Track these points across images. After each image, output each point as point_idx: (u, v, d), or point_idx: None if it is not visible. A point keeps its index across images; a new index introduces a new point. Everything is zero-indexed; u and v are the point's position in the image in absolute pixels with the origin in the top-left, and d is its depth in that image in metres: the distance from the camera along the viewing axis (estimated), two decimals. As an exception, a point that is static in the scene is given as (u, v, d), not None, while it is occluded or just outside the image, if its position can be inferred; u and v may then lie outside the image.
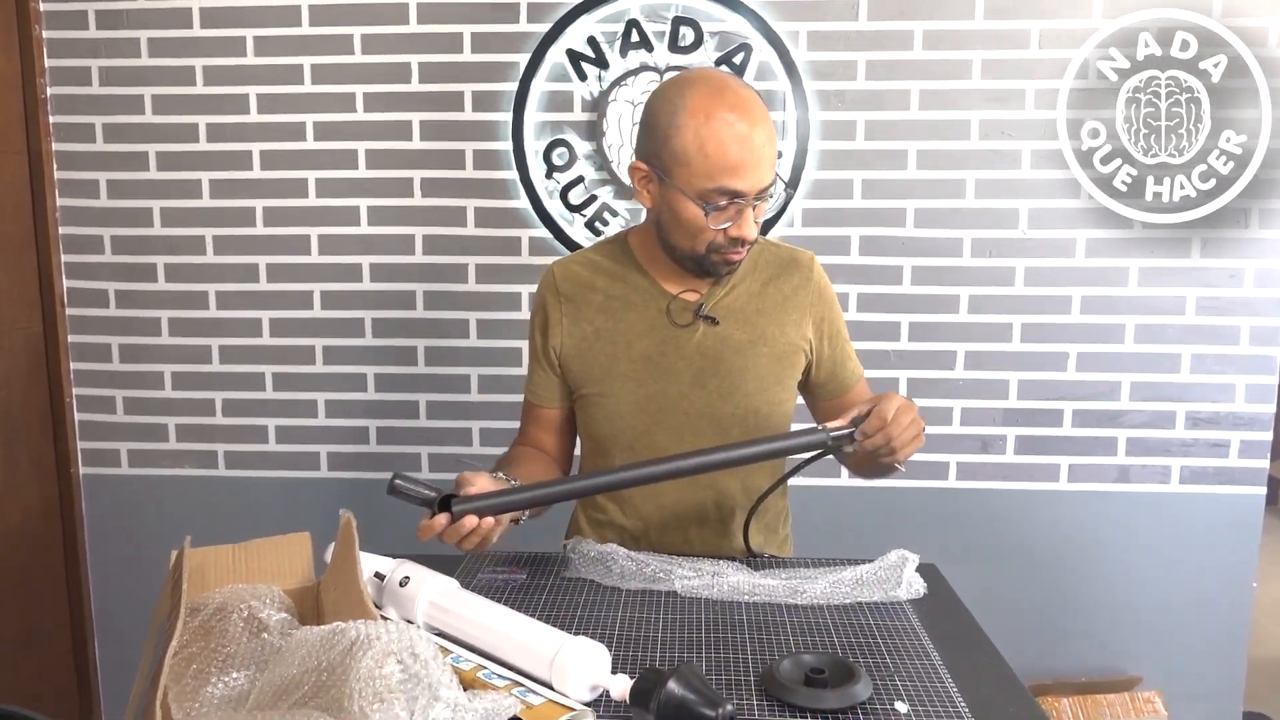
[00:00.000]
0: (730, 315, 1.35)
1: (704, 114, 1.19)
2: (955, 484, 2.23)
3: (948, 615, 1.15)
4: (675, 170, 1.22)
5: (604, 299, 1.36)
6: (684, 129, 1.20)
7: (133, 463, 2.33)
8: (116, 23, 2.18)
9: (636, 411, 1.34)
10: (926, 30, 2.10)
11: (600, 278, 1.37)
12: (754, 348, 1.35)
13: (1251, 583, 2.23)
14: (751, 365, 1.34)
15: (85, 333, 2.29)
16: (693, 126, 1.19)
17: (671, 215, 1.26)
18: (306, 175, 2.21)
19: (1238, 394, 2.17)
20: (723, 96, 1.20)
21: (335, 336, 2.26)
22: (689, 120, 1.19)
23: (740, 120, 1.18)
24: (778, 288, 1.38)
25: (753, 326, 1.35)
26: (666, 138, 1.22)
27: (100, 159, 2.23)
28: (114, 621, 2.38)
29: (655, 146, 1.24)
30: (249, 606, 0.89)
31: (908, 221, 2.16)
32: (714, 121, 1.18)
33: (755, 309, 1.36)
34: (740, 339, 1.34)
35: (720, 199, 1.21)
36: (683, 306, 1.34)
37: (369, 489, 2.30)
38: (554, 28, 2.11)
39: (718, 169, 1.19)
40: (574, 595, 1.20)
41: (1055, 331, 2.17)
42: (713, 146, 1.18)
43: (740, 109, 1.19)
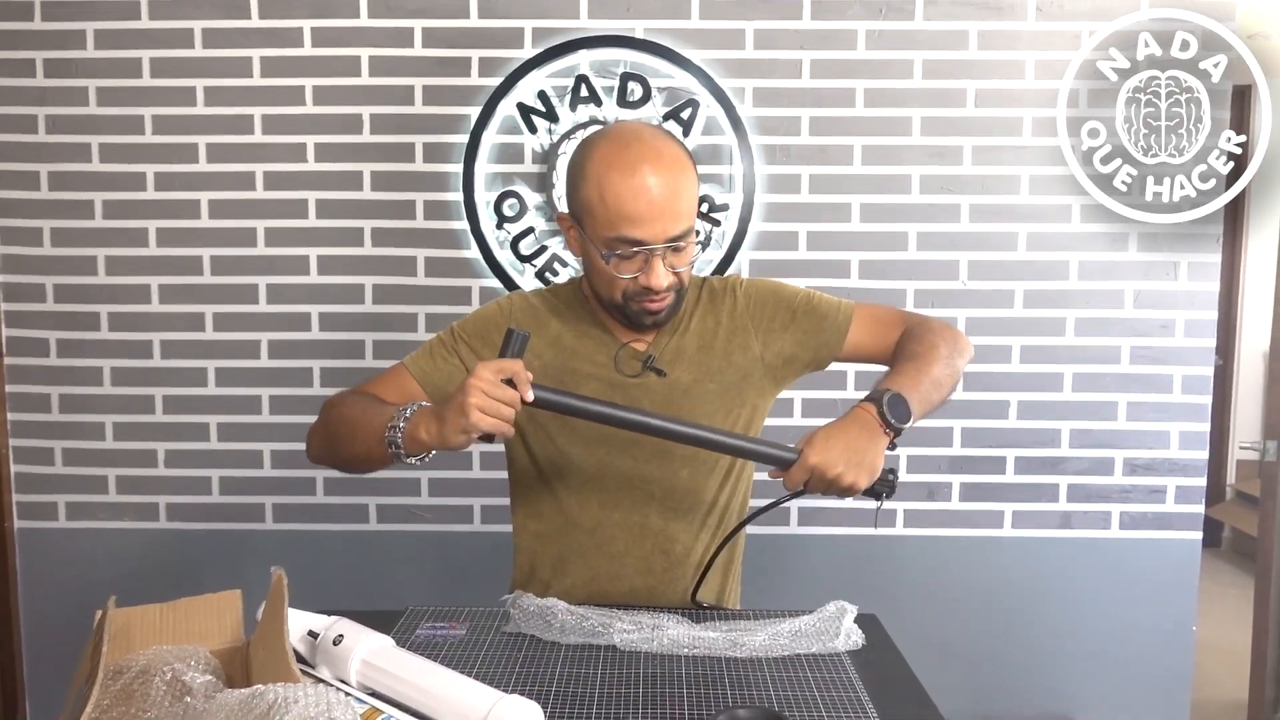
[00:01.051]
0: (677, 359, 1.35)
1: (606, 164, 1.21)
2: (903, 531, 2.26)
3: (885, 667, 1.16)
4: (584, 219, 1.25)
5: (555, 336, 1.37)
6: (589, 179, 1.22)
7: (71, 515, 2.28)
8: (65, 71, 2.18)
9: (582, 456, 1.34)
10: (868, 88, 2.16)
11: (554, 318, 1.38)
12: (700, 386, 1.35)
13: (1192, 625, 2.27)
14: (699, 404, 1.34)
15: (24, 382, 2.25)
16: (595, 176, 1.21)
17: (589, 264, 1.29)
18: (255, 224, 2.21)
19: (1172, 441, 2.23)
20: (628, 148, 1.21)
21: (283, 386, 2.24)
22: (593, 170, 1.22)
23: (641, 171, 1.19)
24: (715, 319, 1.38)
25: (697, 365, 1.36)
26: (577, 187, 1.25)
27: (44, 206, 2.21)
28: (46, 682, 2.31)
29: (570, 195, 1.27)
30: (173, 669, 0.87)
31: (852, 273, 2.20)
32: (614, 172, 1.20)
33: (697, 346, 1.37)
34: (686, 381, 1.35)
35: (622, 247, 1.22)
36: (631, 355, 1.35)
37: (315, 540, 2.27)
38: (505, 82, 2.15)
39: (617, 218, 1.20)
40: (513, 651, 1.19)
41: (997, 380, 2.22)
42: (611, 196, 1.20)
43: (643, 160, 1.20)
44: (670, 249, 1.23)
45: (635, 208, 1.20)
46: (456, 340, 1.38)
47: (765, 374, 1.39)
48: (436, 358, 1.37)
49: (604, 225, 1.22)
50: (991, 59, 2.15)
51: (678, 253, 1.25)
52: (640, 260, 1.23)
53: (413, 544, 2.26)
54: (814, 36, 2.15)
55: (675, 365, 1.35)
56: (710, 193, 2.17)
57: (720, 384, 1.36)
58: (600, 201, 1.21)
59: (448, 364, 1.36)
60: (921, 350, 1.32)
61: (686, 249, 1.26)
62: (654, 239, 1.21)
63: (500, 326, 1.32)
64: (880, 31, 2.15)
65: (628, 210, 1.20)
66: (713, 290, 1.41)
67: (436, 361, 1.37)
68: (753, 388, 1.39)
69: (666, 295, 1.27)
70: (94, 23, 2.16)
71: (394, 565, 2.27)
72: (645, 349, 1.36)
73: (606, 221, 1.21)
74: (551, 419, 1.33)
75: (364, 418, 1.24)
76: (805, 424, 2.22)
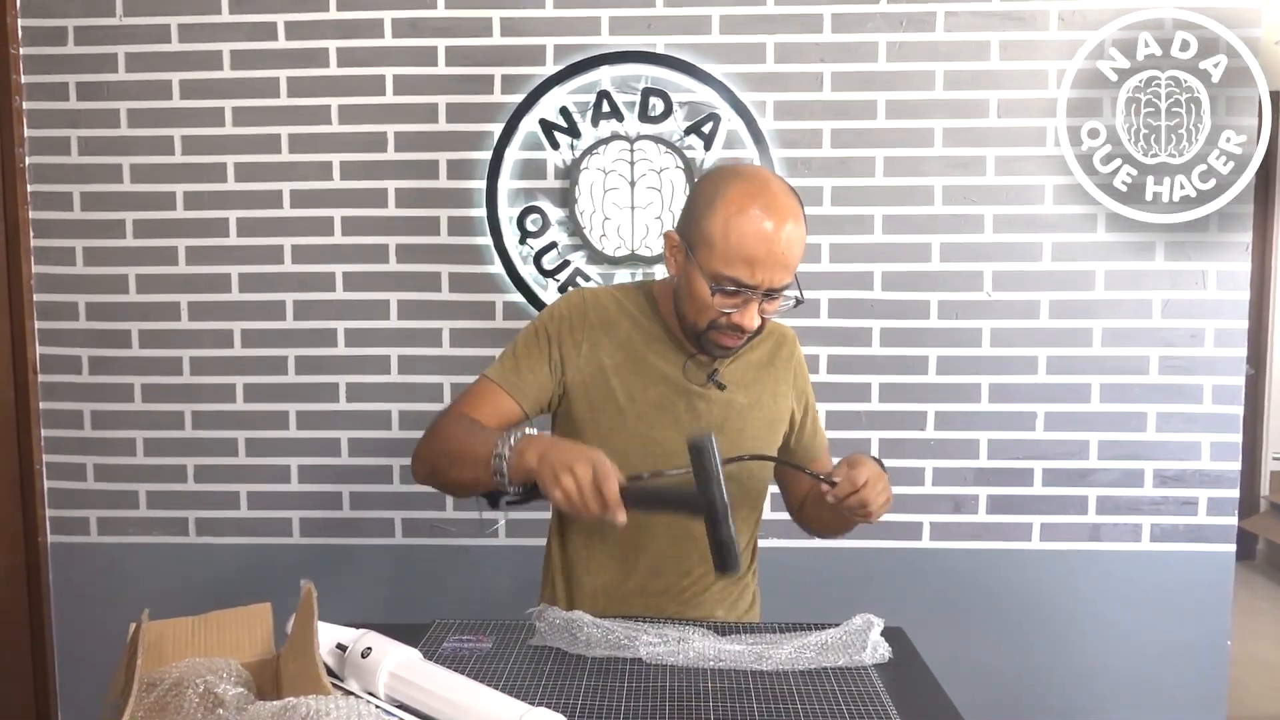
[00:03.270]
0: (734, 380, 1.41)
1: (737, 206, 1.25)
2: (929, 544, 2.24)
3: (913, 681, 1.15)
4: (700, 248, 1.28)
5: (626, 338, 1.40)
6: (716, 214, 1.26)
7: (102, 530, 2.31)
8: (97, 94, 2.22)
9: (640, 453, 1.35)
10: (889, 100, 2.16)
11: (625, 318, 1.41)
12: (751, 411, 1.42)
13: (1226, 640, 2.24)
14: (749, 427, 1.41)
15: (57, 399, 2.28)
16: (724, 214, 1.25)
17: (687, 287, 1.31)
18: (282, 242, 2.24)
19: (1204, 452, 2.20)
20: (761, 195, 1.25)
21: (309, 401, 2.26)
22: (723, 207, 1.26)
23: (768, 219, 1.24)
24: (770, 358, 1.46)
25: (750, 391, 1.42)
26: (700, 218, 1.28)
27: (77, 226, 2.25)
28: (79, 694, 2.33)
29: (689, 223, 1.31)
30: (205, 681, 0.88)
31: (875, 285, 2.20)
32: (743, 215, 1.24)
33: (754, 377, 1.44)
34: (741, 403, 1.41)
35: (730, 285, 1.26)
36: (699, 366, 1.40)
37: (341, 555, 2.29)
38: (527, 98, 2.17)
39: (736, 258, 1.25)
40: (539, 664, 1.19)
41: (1023, 391, 2.20)
42: (736, 236, 1.24)
43: (772, 210, 1.25)
44: (767, 296, 1.28)
45: (755, 252, 1.24)
46: (538, 352, 1.39)
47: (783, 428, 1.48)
48: (524, 369, 1.38)
49: (720, 260, 1.26)
50: (1014, 69, 2.14)
51: (771, 300, 1.30)
52: (740, 299, 1.28)
53: (439, 558, 2.27)
54: (835, 49, 2.15)
55: (733, 385, 1.41)
56: (732, 206, 2.17)
57: (766, 415, 1.44)
58: (724, 237, 1.25)
59: (539, 373, 1.38)
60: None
61: (779, 298, 1.31)
62: (761, 284, 1.26)
63: (586, 317, 1.39)
64: (901, 43, 2.15)
65: (748, 253, 1.24)
66: (774, 332, 1.48)
67: (524, 373, 1.38)
68: (780, 433, 1.47)
69: (745, 335, 1.32)
70: (125, 46, 2.21)
71: (420, 579, 2.28)
72: (711, 362, 1.40)
73: (724, 258, 1.25)
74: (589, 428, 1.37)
75: (468, 443, 1.26)
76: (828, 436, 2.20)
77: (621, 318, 1.41)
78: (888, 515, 2.20)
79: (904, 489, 2.23)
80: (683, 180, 2.17)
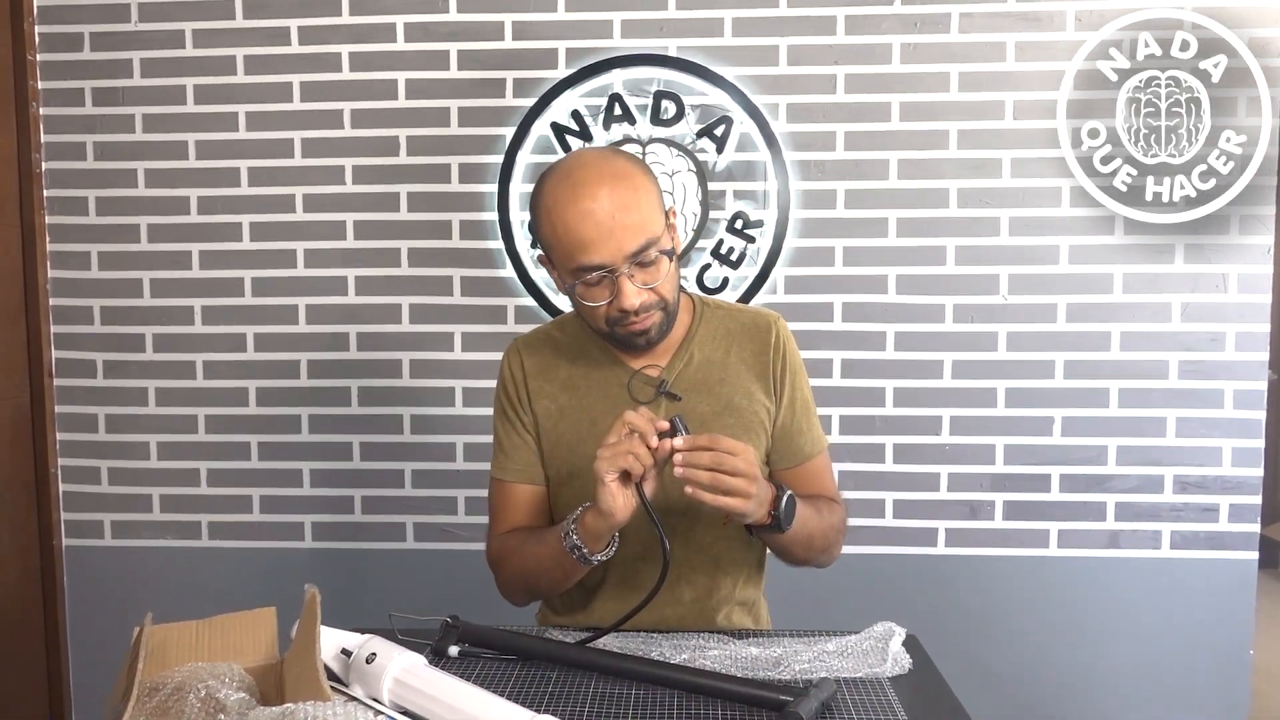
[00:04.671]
0: (694, 388, 1.32)
1: (553, 196, 1.21)
2: (944, 550, 2.21)
3: (927, 690, 1.13)
4: (552, 256, 1.26)
5: (566, 375, 1.35)
6: (543, 218, 1.23)
7: (116, 534, 2.31)
8: (113, 99, 2.24)
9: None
10: (903, 102, 2.14)
11: (562, 360, 1.36)
12: (719, 419, 1.31)
13: (1248, 649, 2.20)
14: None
15: (72, 403, 2.30)
16: (546, 210, 1.21)
17: (570, 297, 1.27)
18: (295, 246, 2.24)
19: (1225, 457, 2.17)
20: (570, 175, 1.21)
21: (321, 405, 2.27)
22: (545, 209, 1.22)
23: (582, 197, 1.18)
24: (739, 354, 1.35)
25: (717, 397, 1.32)
26: (537, 228, 1.26)
27: (92, 231, 2.26)
28: (93, 696, 2.34)
29: (536, 238, 1.30)
30: (207, 686, 0.87)
31: (890, 288, 2.18)
32: (560, 206, 1.19)
33: (718, 379, 1.33)
34: (705, 411, 1.31)
35: (585, 275, 1.21)
36: (644, 382, 1.32)
37: (353, 559, 2.28)
38: (539, 102, 2.16)
39: (573, 247, 1.20)
40: (546, 670, 1.17)
41: (1040, 396, 2.18)
42: (562, 227, 1.19)
43: (586, 183, 1.19)
44: (637, 266, 1.21)
45: (585, 233, 1.18)
46: (509, 426, 1.38)
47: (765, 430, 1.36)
48: (511, 451, 1.37)
49: (564, 258, 1.21)
50: (1029, 70, 2.12)
51: (645, 268, 1.22)
52: (608, 284, 1.21)
53: (449, 562, 2.27)
54: (848, 51, 2.14)
55: (692, 394, 1.32)
56: (745, 209, 2.16)
57: (740, 421, 1.32)
58: (554, 235, 1.21)
59: (526, 443, 1.37)
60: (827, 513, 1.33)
61: (657, 263, 1.22)
62: (612, 260, 1.19)
63: (524, 371, 1.36)
64: (915, 45, 2.13)
65: (578, 237, 1.18)
66: (745, 325, 1.37)
67: (515, 454, 1.37)
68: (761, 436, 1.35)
69: (650, 314, 1.24)
70: (141, 52, 2.22)
71: (431, 583, 2.27)
72: (659, 374, 1.33)
73: (565, 253, 1.21)
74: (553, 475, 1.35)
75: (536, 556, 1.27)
76: (842, 441, 2.19)
77: (558, 358, 1.36)
78: (903, 520, 2.18)
79: (919, 494, 2.20)
80: (695, 183, 2.16)
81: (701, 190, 2.16)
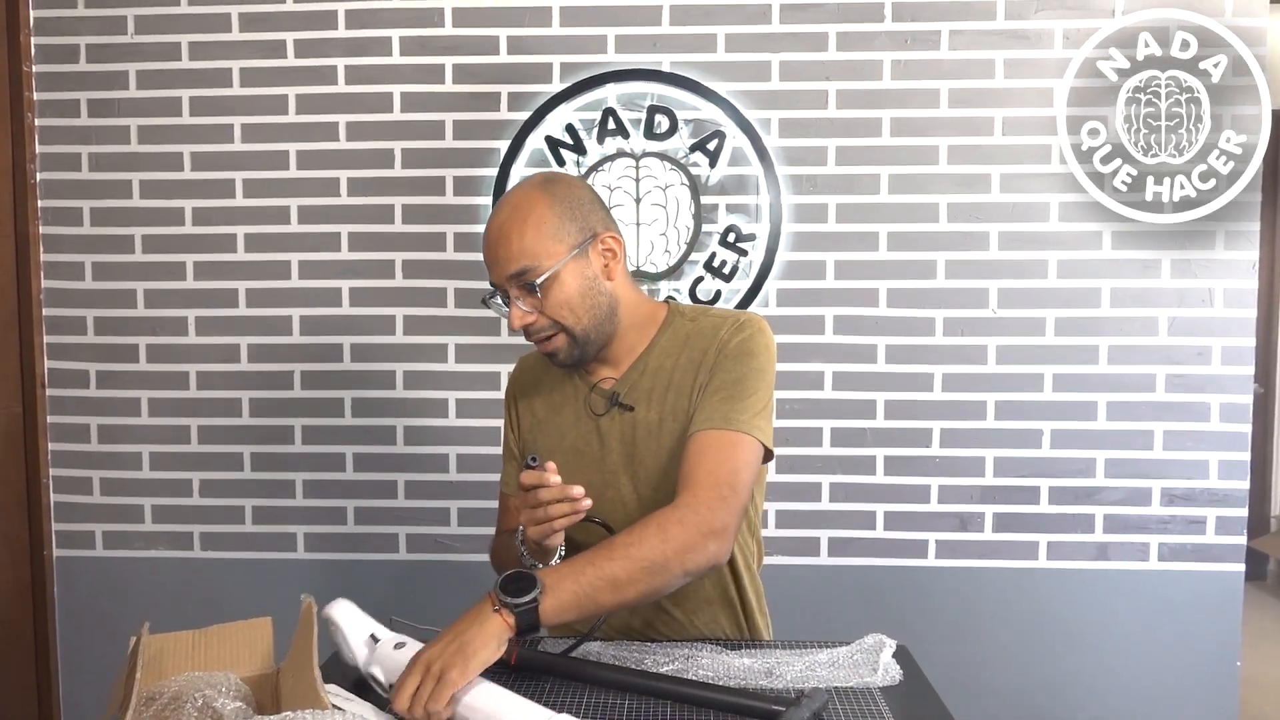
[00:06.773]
0: (643, 397, 1.32)
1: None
2: (934, 562, 2.23)
3: (917, 701, 1.14)
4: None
5: (548, 391, 1.42)
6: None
7: (107, 544, 2.31)
8: (108, 111, 2.24)
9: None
10: (894, 118, 2.17)
11: (545, 375, 1.43)
12: (663, 426, 1.30)
13: (1236, 660, 2.21)
14: (666, 445, 1.30)
15: (64, 413, 2.29)
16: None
17: None
18: (289, 257, 2.25)
19: (1211, 470, 2.19)
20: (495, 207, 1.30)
21: (314, 416, 2.27)
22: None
23: (489, 221, 1.28)
24: (689, 358, 1.31)
25: (662, 404, 1.31)
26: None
27: (86, 241, 2.27)
28: (83, 707, 2.33)
29: None
30: (204, 695, 0.88)
31: (881, 301, 2.20)
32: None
33: (665, 385, 1.31)
34: (651, 420, 1.31)
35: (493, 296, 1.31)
36: (600, 395, 1.35)
37: (346, 570, 2.28)
38: (533, 116, 2.18)
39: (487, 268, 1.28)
40: (539, 681, 1.18)
41: (1029, 408, 2.20)
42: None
43: (494, 211, 1.28)
44: (521, 290, 1.25)
45: (486, 256, 1.27)
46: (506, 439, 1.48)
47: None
48: (508, 469, 1.47)
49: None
50: (1018, 87, 2.15)
51: (530, 293, 1.24)
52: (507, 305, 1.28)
53: (443, 573, 2.27)
54: (840, 67, 2.16)
55: (641, 404, 1.32)
56: (737, 223, 2.18)
57: (683, 426, 1.29)
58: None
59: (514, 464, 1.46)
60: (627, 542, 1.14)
61: (545, 289, 1.23)
62: (496, 280, 1.27)
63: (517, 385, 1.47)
64: (906, 61, 2.16)
65: (486, 259, 1.28)
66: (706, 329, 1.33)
67: (506, 469, 1.47)
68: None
69: (553, 337, 1.28)
70: (136, 64, 2.23)
71: (424, 594, 2.28)
72: (612, 386, 1.35)
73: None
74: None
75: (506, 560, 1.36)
76: (834, 454, 2.21)
77: (541, 375, 1.43)
78: (893, 532, 2.19)
79: (910, 506, 2.22)
80: (688, 197, 2.18)
81: (694, 204, 2.18)
